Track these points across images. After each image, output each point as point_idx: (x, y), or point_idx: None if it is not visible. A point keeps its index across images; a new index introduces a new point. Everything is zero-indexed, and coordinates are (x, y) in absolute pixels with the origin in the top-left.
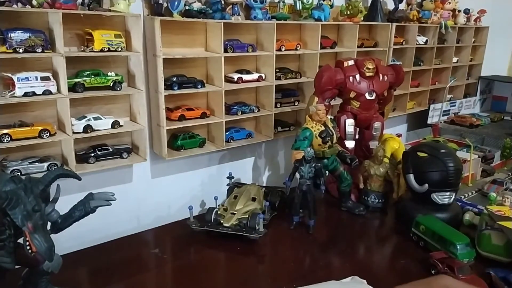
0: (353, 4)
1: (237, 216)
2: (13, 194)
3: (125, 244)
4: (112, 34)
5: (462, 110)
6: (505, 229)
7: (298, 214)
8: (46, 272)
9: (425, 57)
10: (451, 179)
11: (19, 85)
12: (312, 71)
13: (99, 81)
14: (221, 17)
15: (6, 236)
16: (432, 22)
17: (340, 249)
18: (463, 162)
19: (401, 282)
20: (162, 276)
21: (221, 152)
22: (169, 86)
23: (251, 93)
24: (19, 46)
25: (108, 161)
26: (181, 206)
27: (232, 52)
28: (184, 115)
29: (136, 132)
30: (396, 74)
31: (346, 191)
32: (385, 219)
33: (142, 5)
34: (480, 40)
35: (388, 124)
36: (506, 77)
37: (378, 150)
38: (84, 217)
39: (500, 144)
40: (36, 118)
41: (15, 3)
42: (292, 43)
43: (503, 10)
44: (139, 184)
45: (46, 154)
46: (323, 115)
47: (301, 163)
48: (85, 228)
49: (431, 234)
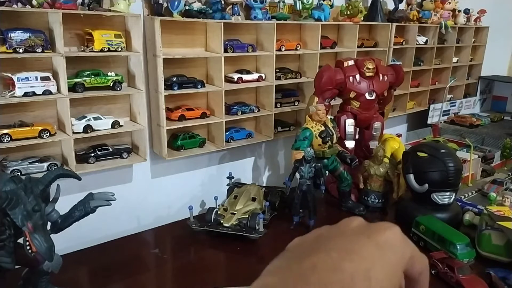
0: (353, 4)
1: (237, 216)
2: (13, 194)
3: (125, 244)
4: (112, 34)
5: (462, 110)
6: (505, 229)
7: (298, 214)
8: (46, 272)
9: (425, 57)
10: (451, 179)
11: (19, 85)
12: (312, 71)
13: (99, 81)
14: (221, 17)
15: (6, 236)
16: (432, 22)
17: None
18: (463, 162)
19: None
20: (162, 276)
21: (221, 152)
22: (169, 86)
23: (251, 93)
24: (19, 46)
25: (108, 161)
26: (181, 206)
27: (232, 52)
28: (184, 115)
29: (136, 132)
30: (396, 74)
31: (346, 191)
32: (385, 219)
33: (142, 5)
34: (480, 40)
35: (388, 124)
36: (506, 77)
37: (378, 150)
38: (84, 217)
39: (500, 144)
40: (36, 118)
41: (15, 3)
42: (292, 43)
43: (503, 10)
44: (139, 184)
45: (46, 154)
46: (323, 115)
47: (301, 163)
48: (85, 228)
49: (431, 234)
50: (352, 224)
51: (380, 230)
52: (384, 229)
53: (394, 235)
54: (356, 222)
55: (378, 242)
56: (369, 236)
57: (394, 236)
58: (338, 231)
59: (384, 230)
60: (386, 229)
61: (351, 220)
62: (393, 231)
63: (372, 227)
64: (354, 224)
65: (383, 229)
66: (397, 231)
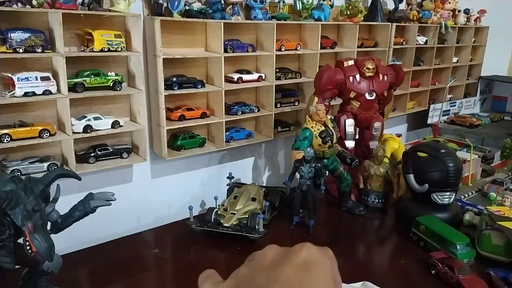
0: (353, 4)
1: (237, 216)
2: (13, 194)
3: (125, 244)
4: (112, 34)
5: (462, 110)
6: (505, 229)
7: (298, 214)
8: (46, 272)
9: (425, 57)
10: (451, 179)
11: (19, 85)
12: (312, 71)
13: (99, 81)
14: (221, 17)
15: (6, 236)
16: (432, 22)
17: (340, 249)
18: (463, 162)
19: (401, 282)
20: (162, 276)
21: (221, 152)
22: (169, 86)
23: (251, 93)
24: (19, 46)
25: (108, 161)
26: (181, 206)
27: (232, 52)
28: (184, 115)
29: (136, 132)
30: (396, 74)
31: (346, 191)
32: (385, 219)
33: (142, 5)
34: (480, 40)
35: (388, 124)
36: (506, 77)
37: (378, 150)
38: (84, 217)
39: (500, 144)
40: (36, 118)
41: (15, 3)
42: (292, 43)
43: (503, 10)
44: (139, 184)
45: (46, 154)
46: (323, 115)
47: (301, 163)
48: (85, 228)
49: (431, 234)
50: (269, 255)
51: (296, 252)
52: (300, 249)
53: (310, 251)
54: (272, 252)
55: (299, 264)
56: (289, 262)
57: (311, 252)
58: (258, 268)
59: (299, 250)
60: (301, 248)
61: (266, 252)
62: (308, 248)
63: (288, 252)
64: (271, 255)
65: (298, 250)
66: (311, 246)
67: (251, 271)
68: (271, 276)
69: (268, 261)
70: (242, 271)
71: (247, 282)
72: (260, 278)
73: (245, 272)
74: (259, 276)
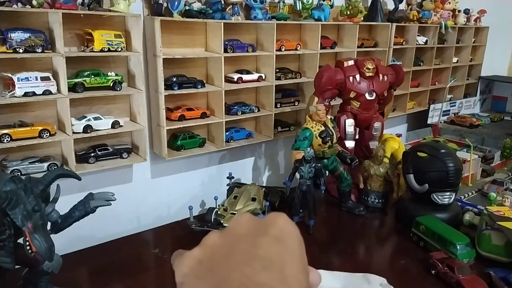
0: (353, 4)
1: None
2: (13, 194)
3: (125, 244)
4: (112, 34)
5: (462, 110)
6: (505, 229)
7: (298, 214)
8: (46, 272)
9: (425, 57)
10: (451, 179)
11: (19, 85)
12: (312, 71)
13: (99, 81)
14: (221, 17)
15: (6, 236)
16: (432, 22)
17: (340, 249)
18: (463, 162)
19: (401, 282)
20: (162, 276)
21: (221, 152)
22: (169, 86)
23: (251, 93)
24: (19, 46)
25: (108, 161)
26: (181, 206)
27: (232, 52)
28: (184, 115)
29: (136, 132)
30: (396, 74)
31: (346, 191)
32: (385, 219)
33: (142, 5)
34: (480, 40)
35: (388, 124)
36: (506, 77)
37: (378, 150)
38: (84, 217)
39: (500, 144)
40: (36, 118)
41: (15, 3)
42: (292, 43)
43: (503, 10)
44: (139, 184)
45: (46, 154)
46: (323, 115)
47: (301, 163)
48: (85, 228)
49: (431, 234)
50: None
51: (272, 223)
52: (275, 219)
53: (285, 221)
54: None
55: (276, 236)
56: (266, 234)
57: (285, 222)
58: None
59: (275, 221)
60: (276, 219)
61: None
62: (283, 218)
63: (263, 223)
64: (245, 225)
65: (274, 220)
66: (285, 216)
67: (227, 241)
68: (250, 251)
69: (244, 230)
70: (216, 240)
71: (224, 255)
72: (238, 254)
73: (220, 243)
74: (237, 251)
